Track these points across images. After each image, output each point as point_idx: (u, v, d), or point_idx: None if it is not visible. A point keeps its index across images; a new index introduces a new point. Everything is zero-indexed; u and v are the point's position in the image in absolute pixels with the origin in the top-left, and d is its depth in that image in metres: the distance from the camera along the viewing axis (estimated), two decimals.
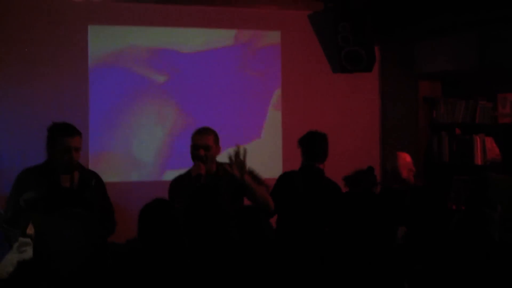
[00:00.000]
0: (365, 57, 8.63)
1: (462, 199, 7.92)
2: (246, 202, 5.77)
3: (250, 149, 7.01)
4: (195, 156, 6.05)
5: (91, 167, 7.26)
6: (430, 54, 8.39)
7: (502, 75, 7.87)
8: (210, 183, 5.83)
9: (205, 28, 8.47)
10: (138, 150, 8.18)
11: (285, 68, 8.73)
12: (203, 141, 6.08)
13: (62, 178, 5.58)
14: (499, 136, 7.84)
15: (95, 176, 5.97)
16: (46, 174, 5.53)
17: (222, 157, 5.99)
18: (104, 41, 8.17)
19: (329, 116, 8.87)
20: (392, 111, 9.00)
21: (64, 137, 5.68)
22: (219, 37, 8.56)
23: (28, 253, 4.41)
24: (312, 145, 6.92)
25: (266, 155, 8.51)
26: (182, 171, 6.14)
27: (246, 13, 8.59)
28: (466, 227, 4.26)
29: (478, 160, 8.09)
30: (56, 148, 5.68)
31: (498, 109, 7.94)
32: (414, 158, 8.10)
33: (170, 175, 7.58)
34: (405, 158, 7.13)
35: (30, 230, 4.45)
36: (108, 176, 7.54)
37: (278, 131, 8.67)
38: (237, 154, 5.92)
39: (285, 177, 6.64)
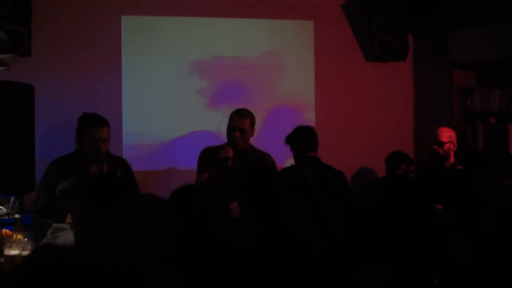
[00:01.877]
0: (399, 46, 8.57)
1: (498, 187, 7.76)
2: None
3: (281, 138, 6.99)
4: (230, 136, 6.12)
5: (125, 156, 7.21)
6: (465, 43, 8.25)
7: None
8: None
9: (237, 18, 8.37)
10: (171, 139, 8.11)
11: (318, 58, 8.61)
12: (240, 123, 6.24)
13: (91, 168, 5.58)
14: None
15: (124, 163, 5.96)
16: (75, 164, 5.53)
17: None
18: (138, 32, 8.09)
19: (362, 105, 8.77)
20: (426, 100, 8.87)
21: (92, 128, 5.72)
22: (251, 27, 8.45)
23: (61, 238, 4.38)
24: (308, 137, 6.86)
25: None
26: None
27: (279, 2, 8.48)
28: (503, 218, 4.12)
29: None
30: (84, 139, 5.71)
31: None
32: None
33: None
34: (448, 130, 7.15)
35: (68, 219, 4.42)
36: (141, 165, 7.51)
37: (312, 120, 8.56)
38: None
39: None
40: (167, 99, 8.15)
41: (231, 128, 6.35)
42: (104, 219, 3.21)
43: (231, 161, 6.08)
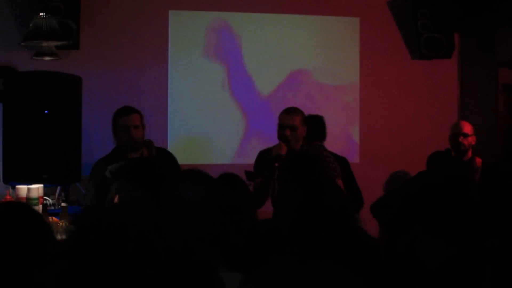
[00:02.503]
0: (445, 43, 8.52)
1: None
2: None
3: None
4: (280, 135, 6.03)
5: (170, 150, 7.24)
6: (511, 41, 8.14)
7: None
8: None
9: (282, 14, 8.37)
10: (215, 133, 8.13)
11: (364, 55, 8.58)
12: (289, 121, 6.07)
13: (131, 156, 5.61)
14: None
15: (166, 153, 5.98)
16: (116, 157, 5.56)
17: None
18: (184, 26, 8.13)
19: (406, 102, 8.72)
20: (471, 99, 8.80)
21: (122, 117, 5.76)
22: (297, 23, 8.44)
23: None
24: (317, 126, 6.88)
25: (341, 139, 8.38)
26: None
27: None
28: None
29: None
30: (117, 130, 5.75)
31: None
32: (493, 145, 7.94)
33: (246, 158, 7.56)
34: (470, 124, 7.26)
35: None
36: (187, 159, 7.53)
37: (356, 116, 8.53)
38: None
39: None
40: (212, 93, 8.18)
41: (280, 127, 6.17)
42: (148, 198, 3.24)
43: (284, 159, 5.90)
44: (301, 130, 6.07)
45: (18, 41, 7.17)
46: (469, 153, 7.06)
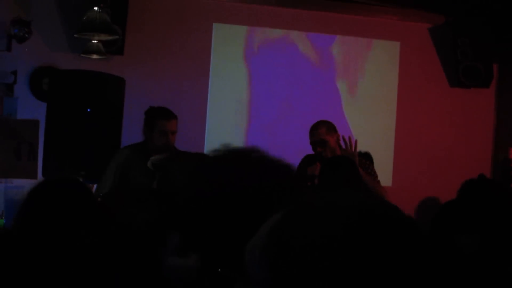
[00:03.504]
0: (483, 72, 8.48)
1: None
2: None
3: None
4: (315, 152, 5.99)
5: None
6: None
7: None
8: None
9: (324, 33, 8.40)
10: (252, 144, 8.13)
11: (403, 79, 8.57)
12: (315, 138, 6.01)
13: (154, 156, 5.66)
14: None
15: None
16: (143, 153, 5.60)
17: None
18: (228, 39, 8.19)
19: (442, 130, 8.69)
20: (506, 129, 8.72)
21: (162, 120, 5.78)
22: (336, 44, 8.47)
23: None
24: None
25: (376, 163, 8.34)
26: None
27: (366, 21, 8.50)
28: None
29: None
30: (154, 130, 5.76)
31: None
32: None
33: None
34: None
35: None
36: None
37: (391, 140, 8.50)
38: (347, 145, 5.80)
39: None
40: (251, 107, 8.21)
41: (312, 145, 6.20)
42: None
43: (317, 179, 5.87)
44: (331, 140, 6.00)
45: (61, 42, 7.29)
46: None
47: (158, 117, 5.88)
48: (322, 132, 6.02)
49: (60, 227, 2.71)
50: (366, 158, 6.51)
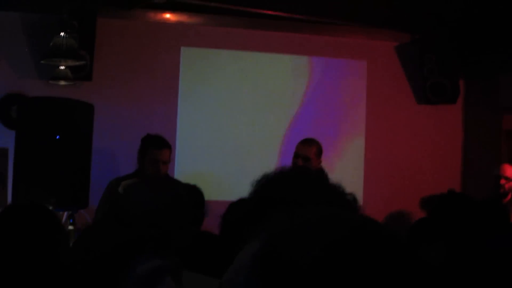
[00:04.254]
0: (450, 89, 8.55)
1: None
2: None
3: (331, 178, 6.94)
4: (293, 164, 6.00)
5: None
6: None
7: None
8: None
9: (291, 54, 8.43)
10: (222, 170, 8.12)
11: (370, 97, 8.62)
12: (304, 152, 6.09)
13: None
14: None
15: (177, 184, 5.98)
16: None
17: None
18: (196, 63, 8.19)
19: (411, 147, 8.74)
20: (474, 144, 8.81)
21: (153, 149, 5.80)
22: (305, 63, 8.50)
23: None
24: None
25: (345, 183, 8.34)
26: None
27: (333, 41, 8.54)
28: None
29: None
30: (145, 159, 5.77)
31: None
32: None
33: None
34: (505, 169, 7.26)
35: None
36: None
37: (361, 158, 8.54)
38: None
39: None
40: (220, 130, 8.21)
41: (295, 156, 6.19)
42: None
43: None
44: (315, 161, 6.09)
45: (29, 69, 7.26)
46: (508, 197, 7.10)
47: (150, 146, 5.92)
48: (312, 150, 6.12)
49: (20, 252, 2.70)
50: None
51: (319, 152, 6.22)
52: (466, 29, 8.14)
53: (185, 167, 8.00)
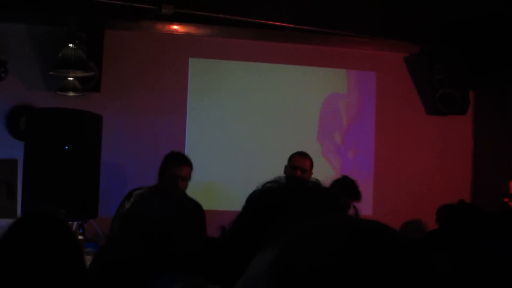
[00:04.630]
0: (459, 99, 8.53)
1: None
2: None
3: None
4: (290, 175, 6.05)
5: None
6: None
7: None
8: None
9: (299, 65, 8.43)
10: (231, 179, 8.10)
11: (380, 108, 8.61)
12: (301, 164, 6.25)
13: None
14: None
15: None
16: None
17: None
18: (204, 73, 8.19)
19: (420, 157, 8.71)
20: (484, 155, 8.77)
21: (173, 165, 5.86)
22: (314, 74, 8.49)
23: None
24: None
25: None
26: None
27: (341, 52, 8.53)
28: None
29: None
30: (165, 174, 5.82)
31: None
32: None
33: None
34: None
35: None
36: (201, 203, 7.48)
37: (370, 169, 8.52)
38: None
39: None
40: (228, 139, 8.21)
41: (292, 167, 6.33)
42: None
43: None
44: (309, 173, 6.29)
45: (37, 81, 7.27)
46: None
47: (170, 162, 5.97)
48: (307, 162, 6.26)
49: (36, 262, 2.68)
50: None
51: (312, 164, 6.47)
52: (475, 40, 8.12)
53: (193, 177, 7.98)
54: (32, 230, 2.83)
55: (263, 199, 2.06)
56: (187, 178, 6.01)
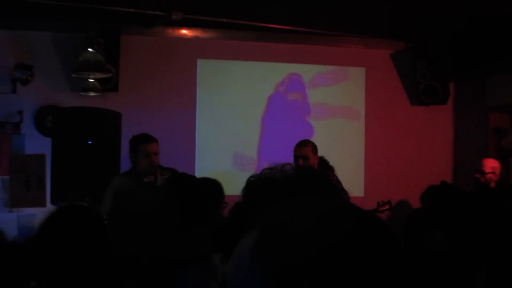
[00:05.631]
0: (441, 91, 8.50)
1: None
2: None
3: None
4: (295, 165, 6.04)
5: None
6: (500, 88, 8.12)
7: None
8: None
9: (297, 63, 8.41)
10: (240, 171, 8.08)
11: (369, 100, 8.59)
12: (302, 152, 6.20)
13: (146, 178, 5.75)
14: None
15: (173, 171, 6.03)
16: (132, 177, 5.70)
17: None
18: (211, 73, 8.17)
19: (406, 145, 8.68)
20: (464, 140, 8.74)
21: (143, 144, 5.87)
22: (312, 70, 8.47)
23: None
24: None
25: (348, 178, 8.32)
26: None
27: (334, 51, 8.51)
28: None
29: None
30: (138, 155, 5.82)
31: None
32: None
33: None
34: (492, 162, 7.14)
35: None
36: None
37: (361, 155, 8.50)
38: None
39: None
40: (236, 133, 8.20)
41: (295, 158, 6.30)
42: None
43: None
44: (313, 158, 6.21)
45: (61, 83, 7.25)
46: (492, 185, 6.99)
47: (140, 142, 5.98)
48: (308, 149, 6.24)
49: (73, 244, 2.71)
50: (324, 166, 6.51)
51: (315, 149, 6.31)
52: (455, 36, 8.08)
53: (204, 168, 7.97)
54: (70, 217, 2.88)
55: (256, 186, 2.06)
56: (158, 152, 5.98)
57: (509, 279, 3.25)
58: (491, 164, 7.05)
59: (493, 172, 6.96)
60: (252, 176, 2.16)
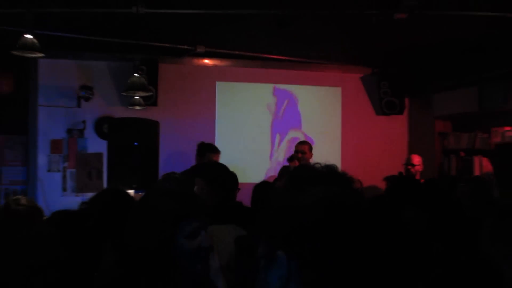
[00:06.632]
0: (398, 104, 8.51)
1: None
2: None
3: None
4: (294, 156, 6.19)
5: None
6: (444, 102, 8.14)
7: (494, 116, 7.55)
8: None
9: (288, 84, 8.41)
10: (250, 180, 8.09)
11: (345, 113, 8.60)
12: (300, 148, 6.27)
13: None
14: (492, 157, 7.47)
15: None
16: None
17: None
18: (228, 93, 8.16)
19: (372, 145, 8.68)
20: (416, 142, 8.75)
21: (212, 154, 5.75)
22: (299, 92, 8.47)
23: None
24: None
25: None
26: None
27: (317, 75, 8.52)
28: None
29: (477, 174, 7.72)
30: (203, 159, 5.75)
31: (492, 139, 7.61)
32: (431, 173, 7.85)
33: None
34: (417, 156, 7.19)
35: None
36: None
37: (338, 156, 8.51)
38: None
39: None
40: (246, 138, 8.19)
41: (295, 152, 6.43)
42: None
43: None
44: (308, 154, 6.31)
45: (114, 99, 7.27)
46: (417, 177, 6.98)
47: (210, 151, 5.88)
48: (305, 147, 6.33)
49: (108, 213, 2.90)
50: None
51: (310, 148, 6.54)
52: (409, 62, 8.11)
53: (223, 162, 7.91)
54: (113, 196, 3.19)
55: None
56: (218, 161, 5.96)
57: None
58: (418, 159, 7.13)
59: (419, 165, 7.06)
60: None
